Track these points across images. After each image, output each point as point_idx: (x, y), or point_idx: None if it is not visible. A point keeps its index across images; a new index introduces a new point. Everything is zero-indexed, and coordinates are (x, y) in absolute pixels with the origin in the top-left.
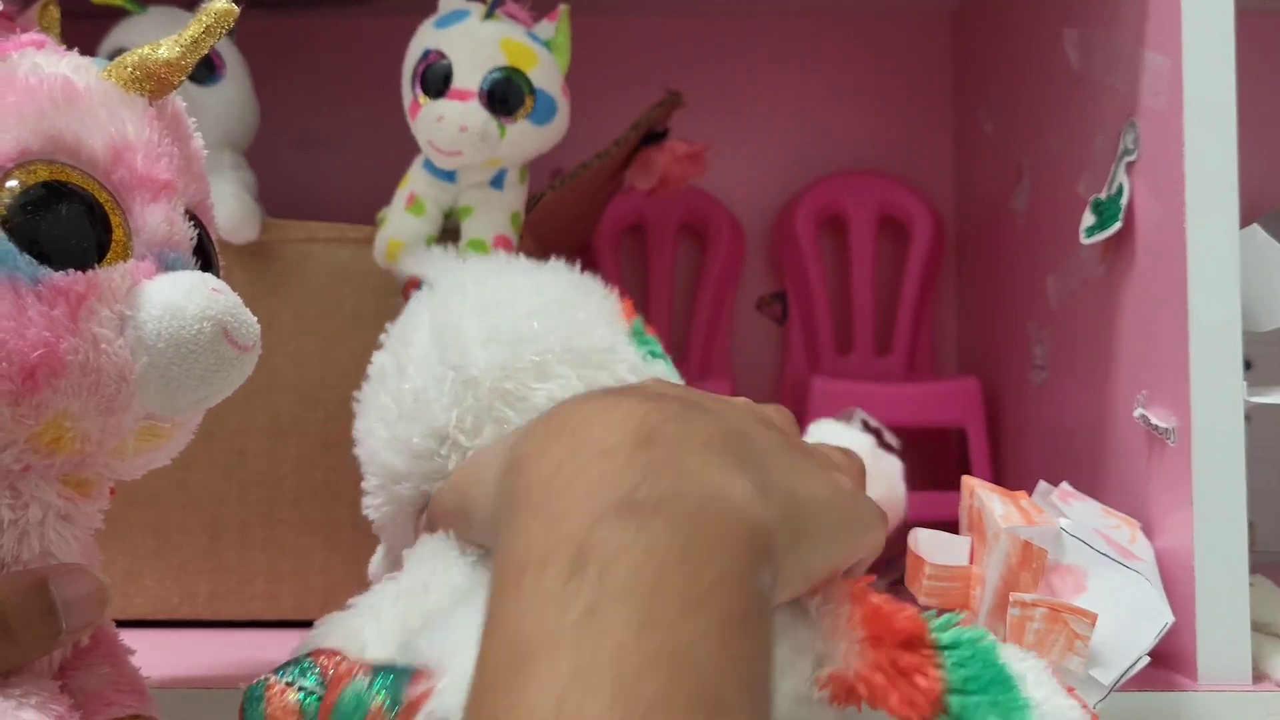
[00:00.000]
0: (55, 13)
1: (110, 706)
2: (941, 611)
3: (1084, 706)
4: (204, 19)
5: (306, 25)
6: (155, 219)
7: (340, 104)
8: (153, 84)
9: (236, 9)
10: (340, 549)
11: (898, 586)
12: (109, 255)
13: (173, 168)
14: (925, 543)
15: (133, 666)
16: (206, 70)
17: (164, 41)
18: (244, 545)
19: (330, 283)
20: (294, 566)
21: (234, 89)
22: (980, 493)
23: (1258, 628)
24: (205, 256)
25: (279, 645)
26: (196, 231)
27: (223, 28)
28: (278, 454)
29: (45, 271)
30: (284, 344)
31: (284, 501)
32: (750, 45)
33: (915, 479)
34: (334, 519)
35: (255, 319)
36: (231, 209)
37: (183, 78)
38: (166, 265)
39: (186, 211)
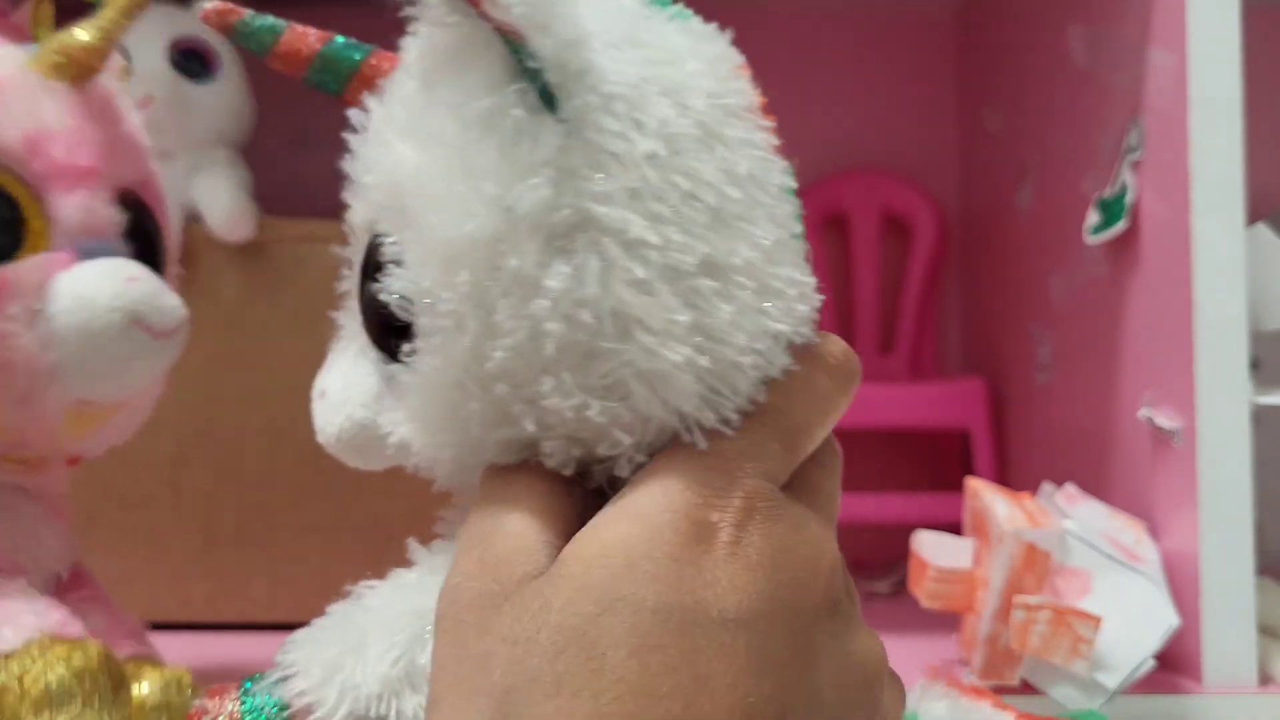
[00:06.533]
0: (48, 9)
1: (112, 649)
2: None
3: None
4: (118, 2)
5: (303, 21)
6: (73, 208)
7: (337, 101)
8: (75, 70)
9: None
10: (338, 550)
11: (900, 589)
12: (24, 248)
13: (96, 154)
14: (928, 545)
15: (123, 610)
16: (202, 68)
17: (82, 26)
18: (241, 547)
19: (327, 282)
20: (292, 568)
21: (229, 86)
22: (984, 494)
23: (1264, 630)
24: (146, 238)
25: (276, 649)
26: (128, 215)
27: (137, 8)
28: (275, 456)
29: None
30: (280, 344)
31: (281, 503)
32: (752, 43)
33: (918, 481)
34: (332, 520)
35: (178, 304)
36: (226, 207)
37: (104, 62)
38: (87, 254)
39: (123, 193)
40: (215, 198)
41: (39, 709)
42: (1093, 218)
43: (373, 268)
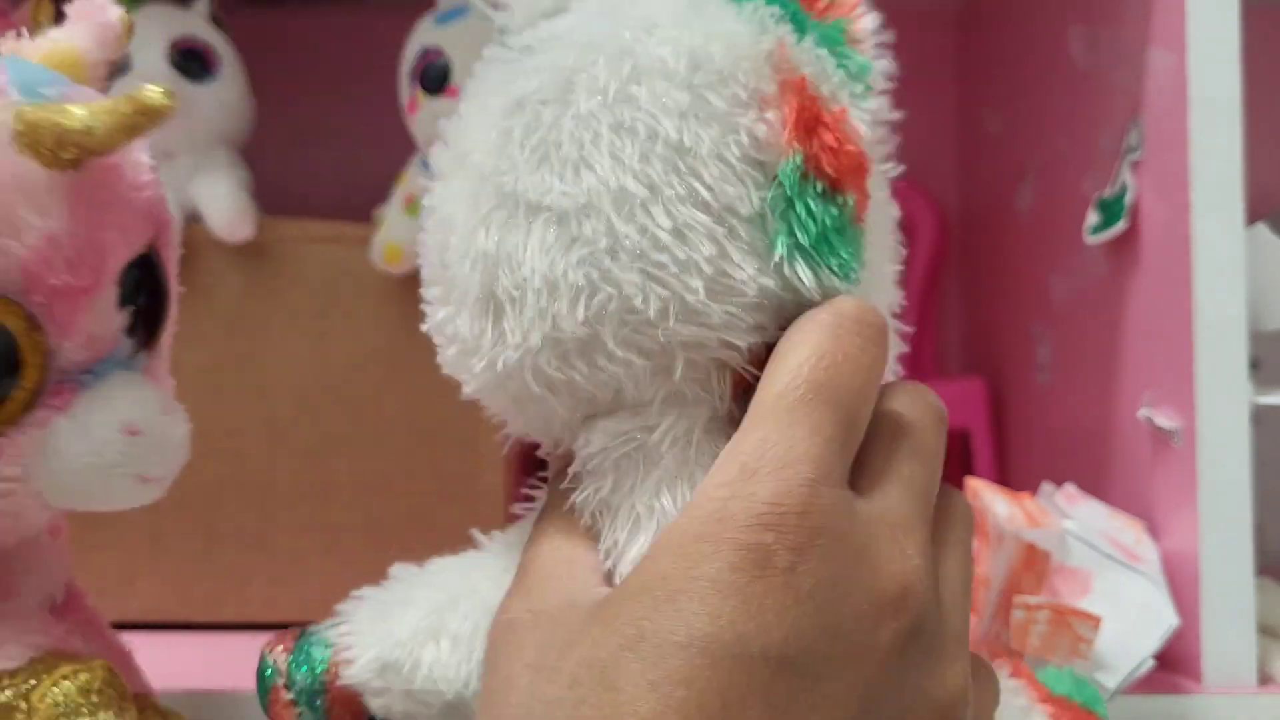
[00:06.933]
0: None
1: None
2: None
3: None
4: (132, 107)
5: (303, 21)
6: (75, 341)
7: (337, 101)
8: (77, 152)
9: (171, 108)
10: (338, 551)
11: None
12: (18, 387)
13: (101, 256)
14: None
15: (112, 634)
16: (202, 68)
17: (87, 110)
18: (241, 547)
19: (327, 282)
20: (291, 569)
21: (229, 86)
22: (984, 494)
23: (1264, 630)
24: (151, 291)
25: None
26: (132, 292)
27: (154, 123)
28: (275, 455)
29: None
30: (280, 345)
31: (281, 503)
32: None
33: None
34: (332, 520)
35: (181, 436)
36: (227, 207)
37: (110, 152)
38: (89, 372)
39: (128, 264)
40: (215, 198)
41: None
42: (1093, 218)
43: None
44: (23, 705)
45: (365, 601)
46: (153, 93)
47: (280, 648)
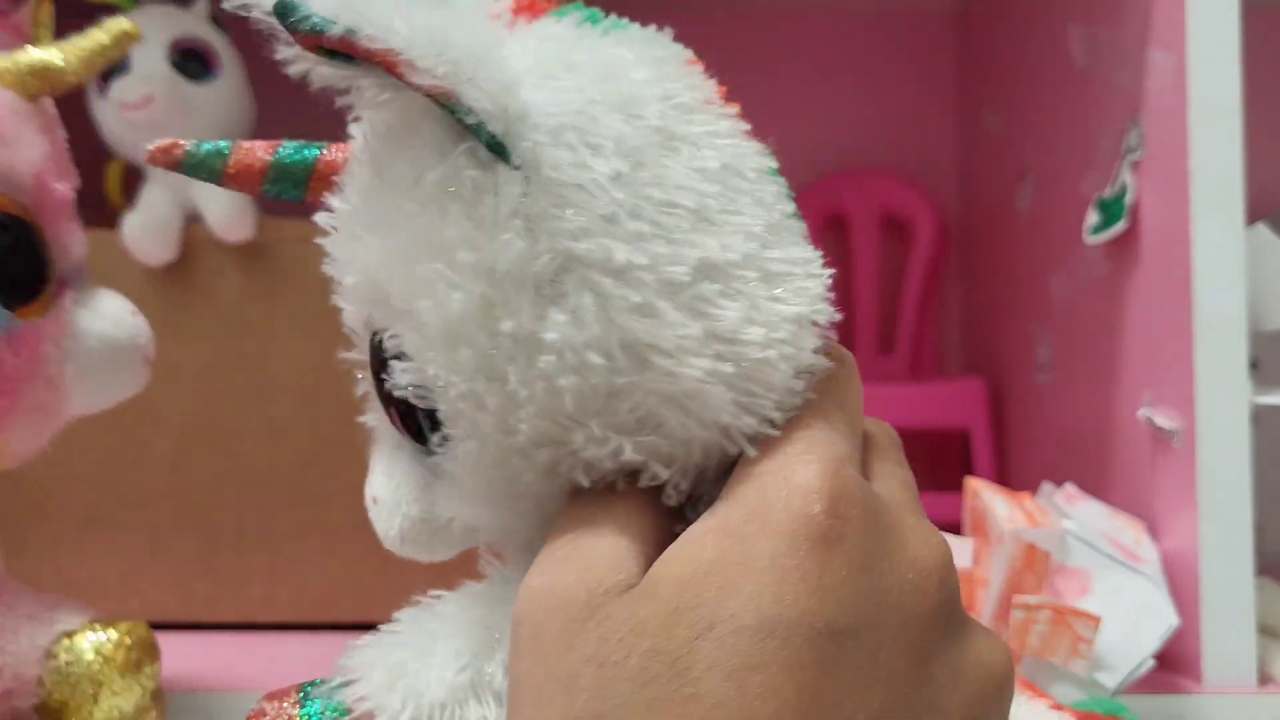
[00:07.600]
0: (49, 9)
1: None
2: None
3: None
4: (105, 36)
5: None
6: (69, 239)
7: (337, 101)
8: (46, 89)
9: (139, 34)
10: (338, 551)
11: None
12: (49, 288)
13: (66, 175)
14: None
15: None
16: (202, 68)
17: (62, 49)
18: (241, 548)
19: (327, 283)
20: (291, 569)
21: (229, 86)
22: (984, 494)
23: (1263, 630)
24: None
25: (276, 648)
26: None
27: (122, 50)
28: (275, 456)
29: (16, 322)
30: (281, 345)
31: (281, 503)
32: (752, 42)
33: (918, 481)
34: (331, 521)
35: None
36: (226, 207)
37: (78, 82)
38: (70, 280)
39: None
40: (215, 198)
41: (124, 673)
42: (1093, 218)
43: (382, 365)
44: (96, 658)
45: (370, 652)
46: (119, 21)
47: (282, 718)
